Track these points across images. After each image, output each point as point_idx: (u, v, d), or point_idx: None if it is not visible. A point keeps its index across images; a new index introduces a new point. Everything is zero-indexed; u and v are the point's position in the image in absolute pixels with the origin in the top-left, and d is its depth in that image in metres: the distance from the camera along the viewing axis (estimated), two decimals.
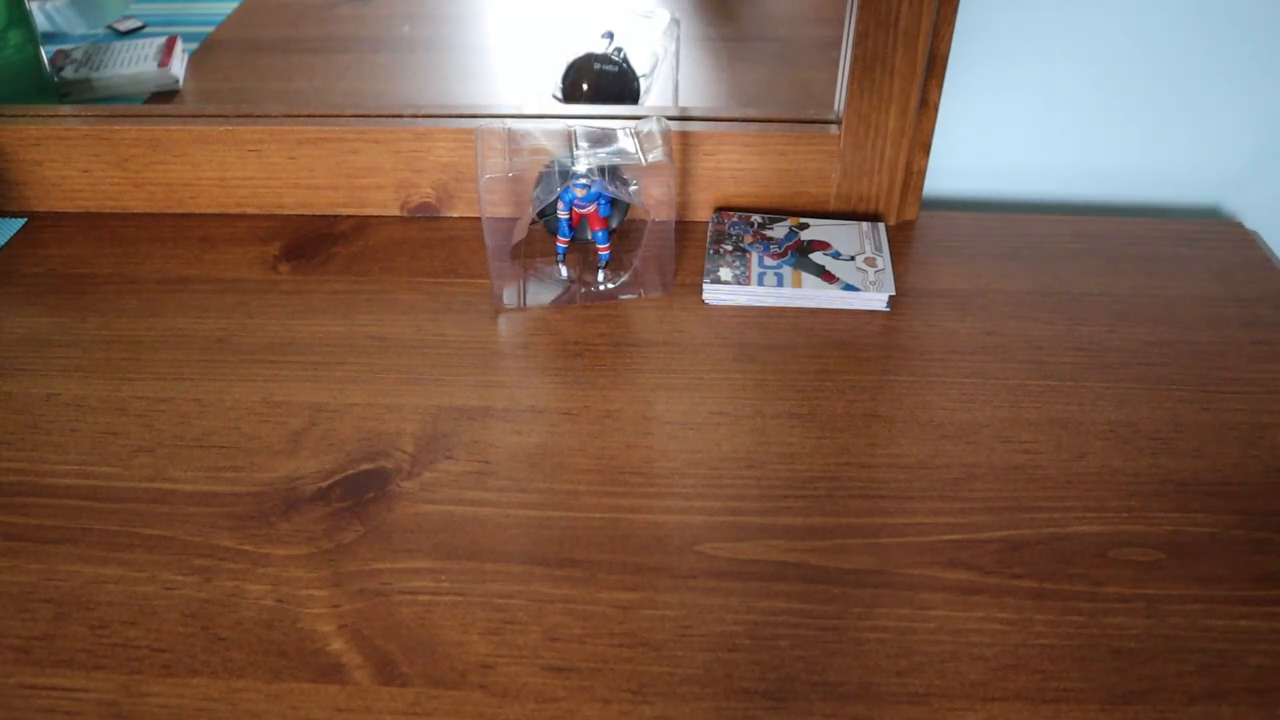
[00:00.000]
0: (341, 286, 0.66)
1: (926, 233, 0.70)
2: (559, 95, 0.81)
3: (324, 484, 0.51)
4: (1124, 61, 0.70)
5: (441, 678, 0.42)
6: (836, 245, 0.67)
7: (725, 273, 0.64)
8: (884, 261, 0.65)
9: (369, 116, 0.71)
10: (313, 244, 0.70)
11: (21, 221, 0.73)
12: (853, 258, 0.66)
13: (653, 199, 0.61)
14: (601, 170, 0.59)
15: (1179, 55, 0.70)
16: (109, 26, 0.97)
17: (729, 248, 0.67)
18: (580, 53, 0.81)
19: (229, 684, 0.42)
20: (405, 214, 0.73)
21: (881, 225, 0.69)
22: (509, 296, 0.64)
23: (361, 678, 0.42)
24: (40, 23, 0.87)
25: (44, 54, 0.85)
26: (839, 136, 0.68)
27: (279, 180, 0.72)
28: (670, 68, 0.83)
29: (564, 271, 0.66)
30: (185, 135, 0.71)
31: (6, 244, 0.71)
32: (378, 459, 0.53)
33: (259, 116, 0.72)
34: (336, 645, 0.43)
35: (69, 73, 0.88)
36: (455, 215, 0.73)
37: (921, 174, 0.69)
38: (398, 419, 0.55)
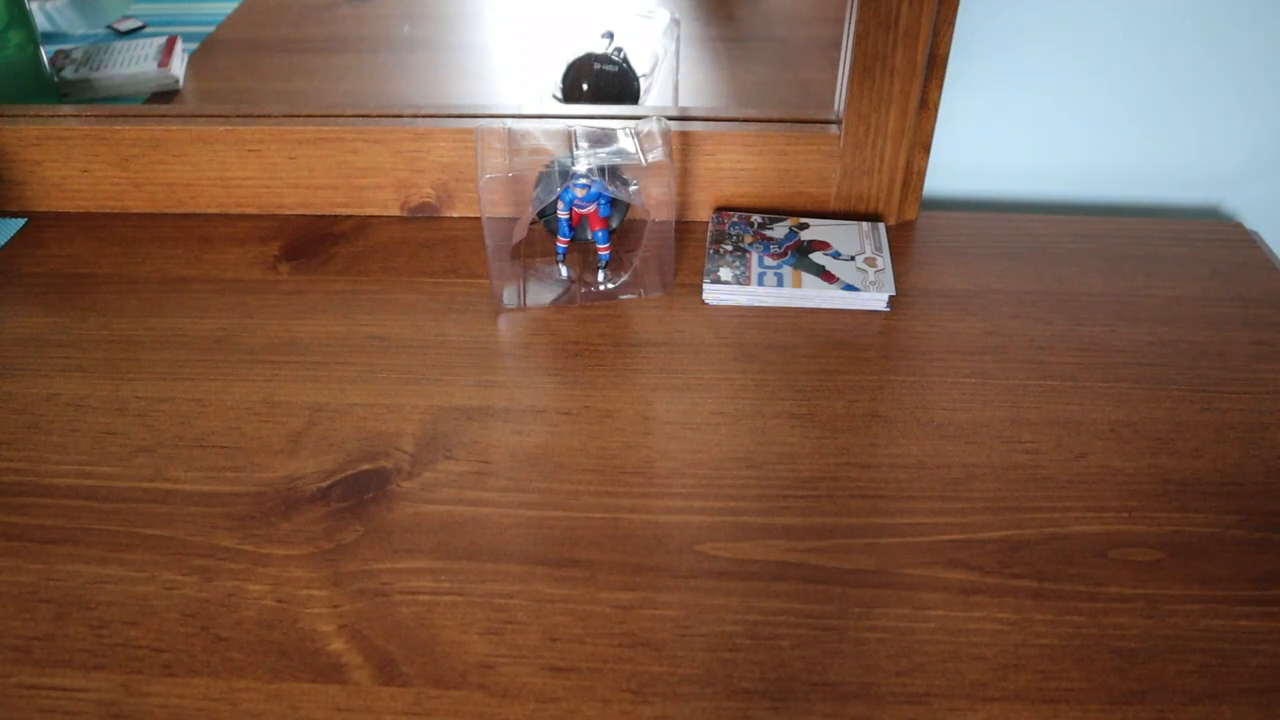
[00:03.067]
0: (341, 286, 0.66)
1: (926, 233, 0.70)
2: (559, 95, 0.81)
3: (324, 484, 0.51)
4: (1125, 62, 0.70)
5: (441, 678, 0.42)
6: (836, 245, 0.67)
7: (725, 273, 0.64)
8: (884, 261, 0.65)
9: (369, 116, 0.71)
10: (313, 244, 0.70)
11: (21, 221, 0.73)
12: (853, 258, 0.66)
13: (653, 199, 0.61)
14: (601, 170, 0.59)
15: (1180, 55, 0.70)
16: (109, 26, 0.97)
17: (729, 248, 0.67)
18: (580, 53, 0.81)
19: (229, 684, 0.42)
20: (405, 214, 0.73)
21: (881, 225, 0.69)
22: (509, 296, 0.64)
23: (361, 678, 0.42)
24: (40, 22, 0.87)
25: (44, 54, 0.85)
26: (839, 136, 0.68)
27: (279, 180, 0.72)
28: (670, 68, 0.83)
29: (564, 271, 0.66)
30: (185, 135, 0.71)
31: (6, 244, 0.71)
32: (378, 459, 0.53)
33: (259, 116, 0.72)
34: (336, 645, 0.43)
35: (69, 73, 0.88)
36: (455, 215, 0.73)
37: (921, 174, 0.69)
38: (398, 419, 0.55)
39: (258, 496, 0.51)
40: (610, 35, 0.82)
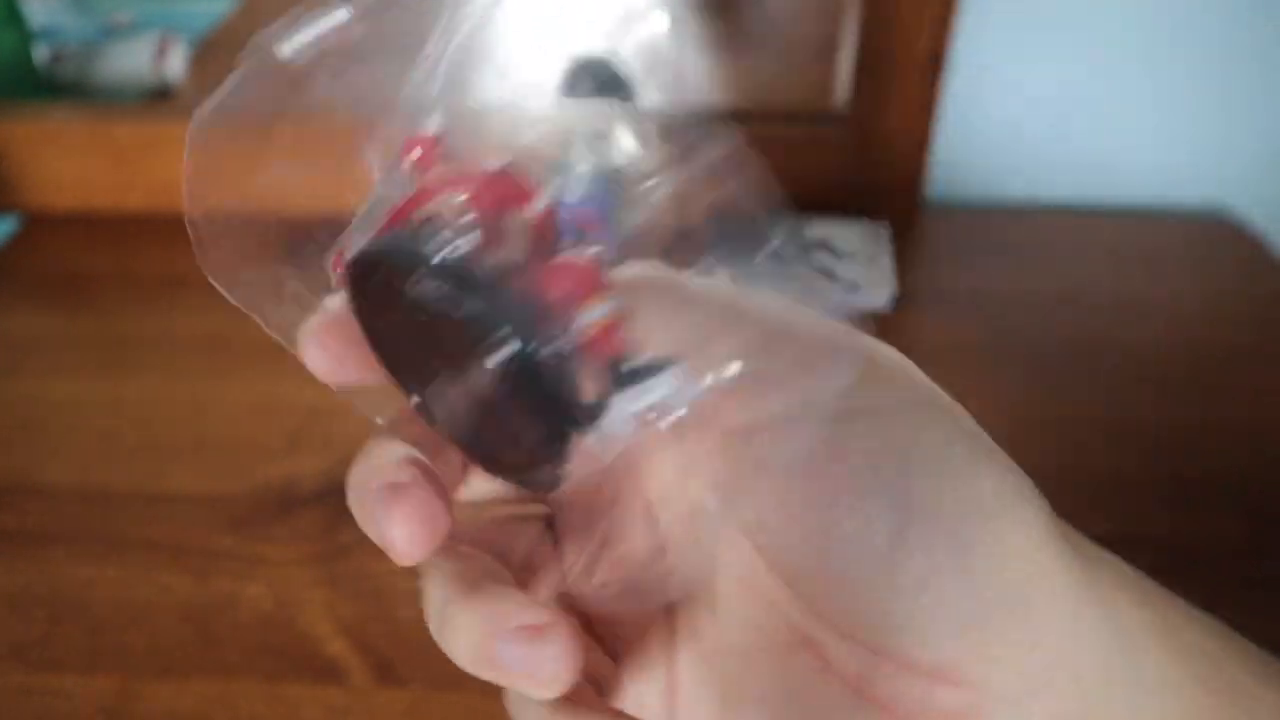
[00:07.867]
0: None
1: (928, 233, 0.70)
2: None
3: (322, 484, 0.51)
4: (1126, 60, 0.70)
5: (440, 679, 0.42)
6: (838, 243, 0.67)
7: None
8: (885, 260, 0.65)
9: (369, 117, 0.71)
10: (312, 243, 0.70)
11: (16, 220, 0.73)
12: (853, 255, 0.65)
13: None
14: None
15: (1181, 55, 0.70)
16: (106, 24, 0.96)
17: None
18: (580, 53, 0.81)
19: (226, 686, 0.42)
20: None
21: (882, 223, 0.69)
22: None
23: (360, 679, 0.42)
24: (35, 19, 0.87)
25: (39, 51, 0.84)
26: (841, 134, 0.67)
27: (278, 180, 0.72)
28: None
29: None
30: (183, 134, 0.70)
31: (1, 243, 0.70)
32: None
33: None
34: (334, 646, 0.43)
35: (65, 70, 0.88)
36: None
37: (923, 172, 0.69)
38: None
39: (255, 497, 0.50)
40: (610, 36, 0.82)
